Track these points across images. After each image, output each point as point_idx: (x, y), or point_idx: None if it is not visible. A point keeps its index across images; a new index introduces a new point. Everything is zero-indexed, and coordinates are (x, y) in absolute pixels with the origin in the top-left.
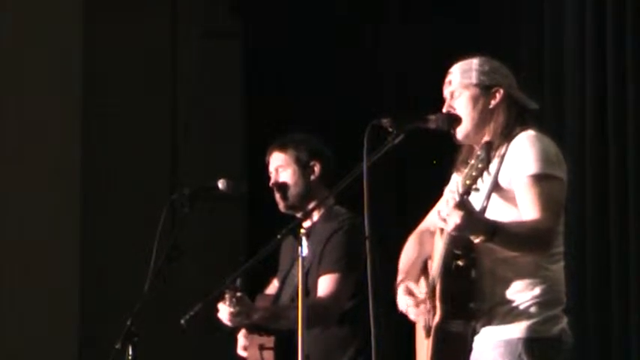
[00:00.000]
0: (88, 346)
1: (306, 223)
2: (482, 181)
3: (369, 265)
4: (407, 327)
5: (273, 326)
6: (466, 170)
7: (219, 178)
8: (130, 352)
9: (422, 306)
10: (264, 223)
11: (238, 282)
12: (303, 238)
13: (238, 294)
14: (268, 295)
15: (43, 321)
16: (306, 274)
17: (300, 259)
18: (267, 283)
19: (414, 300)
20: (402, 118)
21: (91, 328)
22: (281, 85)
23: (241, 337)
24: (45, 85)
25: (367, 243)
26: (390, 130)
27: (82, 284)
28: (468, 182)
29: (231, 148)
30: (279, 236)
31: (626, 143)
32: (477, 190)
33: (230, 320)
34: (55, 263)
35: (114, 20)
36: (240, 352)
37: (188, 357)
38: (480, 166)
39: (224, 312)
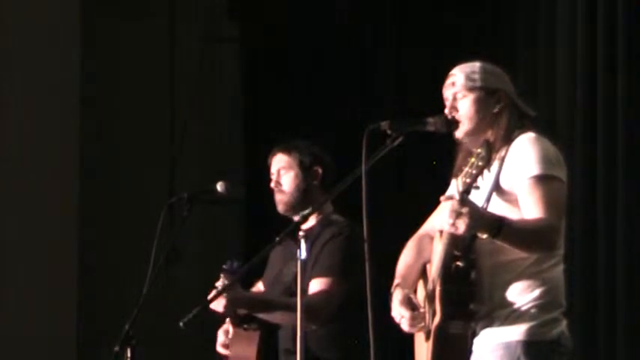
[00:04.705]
0: (86, 348)
1: (304, 226)
2: (483, 179)
3: (367, 269)
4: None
5: (265, 317)
6: (466, 168)
7: (218, 181)
8: (129, 356)
9: (417, 320)
10: (263, 226)
11: (235, 264)
12: (302, 241)
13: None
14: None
15: (43, 321)
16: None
17: (299, 262)
18: (251, 285)
19: (410, 313)
20: (400, 121)
21: (90, 331)
22: (280, 88)
23: (221, 334)
24: (44, 86)
25: (365, 246)
26: (389, 133)
27: (81, 285)
28: (468, 180)
29: (229, 152)
30: (277, 239)
31: (616, 147)
32: (477, 188)
33: (224, 307)
34: (54, 264)
35: (113, 22)
36: (220, 349)
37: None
38: (480, 164)
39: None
